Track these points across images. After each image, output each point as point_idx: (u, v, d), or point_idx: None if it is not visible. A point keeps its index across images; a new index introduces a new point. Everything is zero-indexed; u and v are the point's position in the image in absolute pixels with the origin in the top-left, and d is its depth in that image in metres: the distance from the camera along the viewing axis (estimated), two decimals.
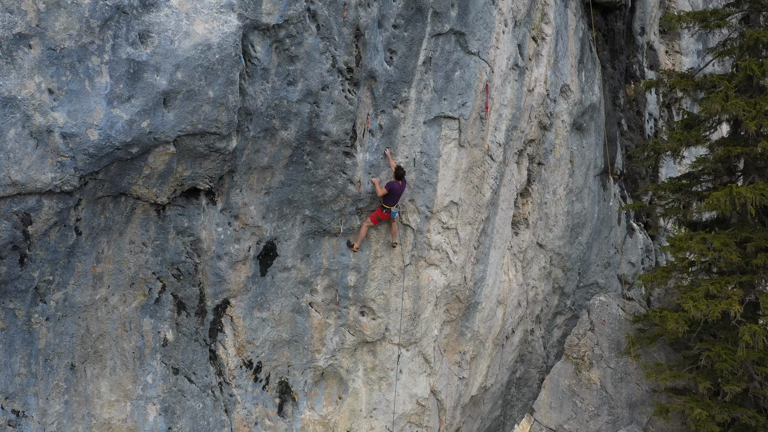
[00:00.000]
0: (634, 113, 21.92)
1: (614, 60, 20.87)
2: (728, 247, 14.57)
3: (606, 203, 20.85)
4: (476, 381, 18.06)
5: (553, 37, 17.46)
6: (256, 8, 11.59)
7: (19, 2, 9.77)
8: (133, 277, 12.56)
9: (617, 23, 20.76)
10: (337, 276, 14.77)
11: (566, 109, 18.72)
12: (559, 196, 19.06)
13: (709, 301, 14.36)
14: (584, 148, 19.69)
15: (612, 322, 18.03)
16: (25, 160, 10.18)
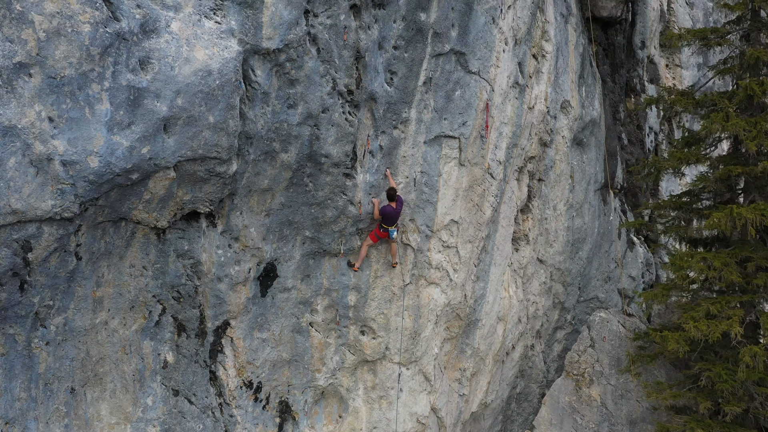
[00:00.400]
0: (635, 127, 21.93)
1: (614, 74, 20.88)
2: (728, 266, 14.57)
3: (606, 217, 20.86)
4: (476, 397, 18.06)
5: (554, 54, 17.47)
6: (257, 33, 11.59)
7: (20, 31, 9.76)
8: (133, 300, 12.55)
9: (617, 37, 20.78)
10: (338, 296, 14.77)
11: (566, 125, 18.73)
12: (559, 212, 19.06)
13: (710, 322, 14.36)
14: (584, 163, 19.69)
15: (612, 338, 18.02)
16: (26, 188, 10.16)
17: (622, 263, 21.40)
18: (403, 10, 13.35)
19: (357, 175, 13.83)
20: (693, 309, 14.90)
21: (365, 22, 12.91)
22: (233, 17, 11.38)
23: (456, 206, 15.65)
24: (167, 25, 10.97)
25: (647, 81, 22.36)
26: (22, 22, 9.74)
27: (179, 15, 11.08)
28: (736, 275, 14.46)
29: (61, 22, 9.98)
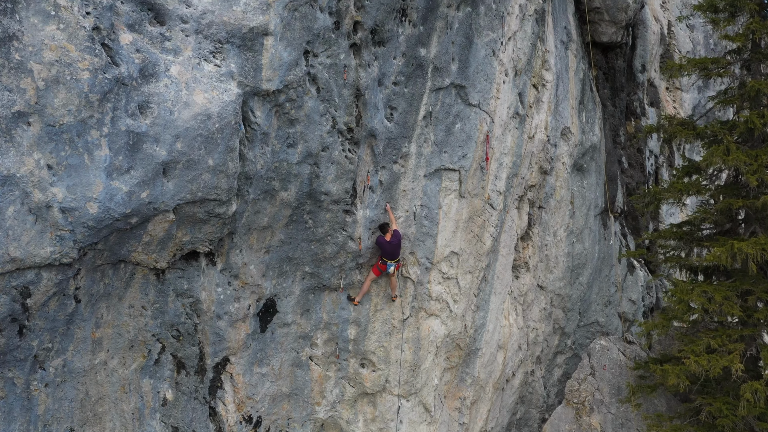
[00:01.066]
0: (635, 150, 21.90)
1: (615, 98, 20.85)
2: (729, 300, 14.52)
3: (606, 242, 20.83)
4: (476, 426, 18.01)
5: (554, 83, 17.45)
6: (256, 75, 11.56)
7: (19, 80, 9.72)
8: (132, 339, 12.51)
9: (618, 61, 20.75)
10: (338, 330, 14.73)
11: (567, 151, 18.70)
12: (559, 238, 19.03)
13: (710, 356, 14.31)
14: (585, 188, 19.66)
15: (613, 367, 17.97)
16: (24, 236, 10.12)
17: (623, 287, 21.37)
18: (403, 46, 13.33)
19: (357, 211, 13.80)
20: (693, 342, 14.85)
21: (365, 60, 12.88)
22: (233, 60, 11.34)
23: (456, 238, 15.62)
24: (166, 69, 10.94)
25: (647, 104, 22.34)
26: (21, 71, 9.70)
27: (178, 59, 11.04)
28: (737, 309, 14.42)
29: (60, 70, 9.95)
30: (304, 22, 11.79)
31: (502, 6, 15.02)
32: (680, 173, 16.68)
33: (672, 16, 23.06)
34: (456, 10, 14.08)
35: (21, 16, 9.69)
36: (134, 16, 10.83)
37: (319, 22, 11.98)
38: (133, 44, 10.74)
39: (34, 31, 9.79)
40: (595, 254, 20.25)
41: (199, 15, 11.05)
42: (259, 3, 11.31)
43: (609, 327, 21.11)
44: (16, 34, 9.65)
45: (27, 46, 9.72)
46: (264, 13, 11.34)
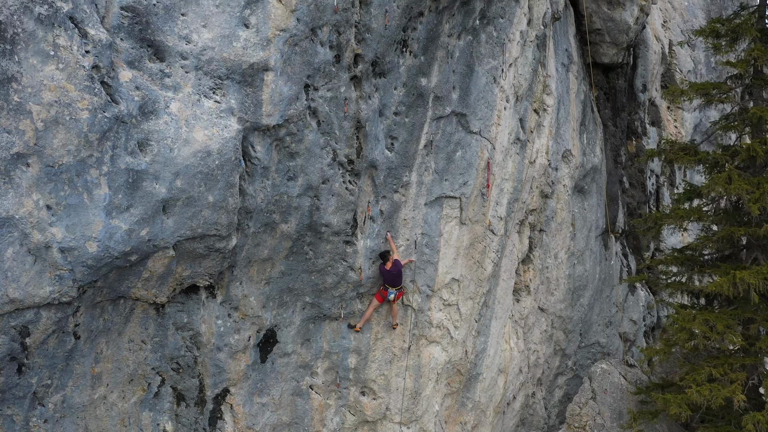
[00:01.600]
0: (636, 170, 21.85)
1: (616, 118, 20.80)
2: (731, 329, 14.48)
3: (607, 262, 20.77)
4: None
5: (555, 107, 17.40)
6: (257, 111, 11.50)
7: (17, 122, 9.66)
8: (132, 373, 12.44)
9: (619, 81, 20.70)
10: (338, 359, 14.67)
11: (568, 174, 18.65)
12: (560, 260, 18.97)
13: (712, 386, 14.26)
14: (586, 210, 19.60)
15: (614, 391, 17.92)
16: (23, 276, 10.06)
17: (623, 307, 21.31)
18: (403, 77, 13.27)
19: (357, 241, 13.75)
20: (695, 370, 14.80)
21: (366, 92, 12.83)
22: (233, 96, 11.29)
23: (457, 264, 15.56)
24: (166, 106, 10.89)
25: (648, 123, 22.29)
26: (20, 112, 9.64)
27: (178, 95, 10.99)
28: (739, 339, 14.38)
29: (59, 110, 9.89)
30: (304, 56, 11.75)
31: (503, 33, 14.97)
32: (681, 198, 16.64)
33: (673, 36, 23.01)
34: (457, 39, 14.03)
35: (20, 57, 9.63)
36: (134, 53, 10.78)
37: (319, 57, 11.94)
38: (132, 81, 10.69)
39: (33, 72, 9.73)
40: (596, 275, 20.20)
41: (199, 51, 11.01)
42: (260, 39, 11.26)
43: (610, 347, 21.05)
44: (15, 75, 9.58)
45: (26, 87, 9.66)
46: (264, 48, 11.29)
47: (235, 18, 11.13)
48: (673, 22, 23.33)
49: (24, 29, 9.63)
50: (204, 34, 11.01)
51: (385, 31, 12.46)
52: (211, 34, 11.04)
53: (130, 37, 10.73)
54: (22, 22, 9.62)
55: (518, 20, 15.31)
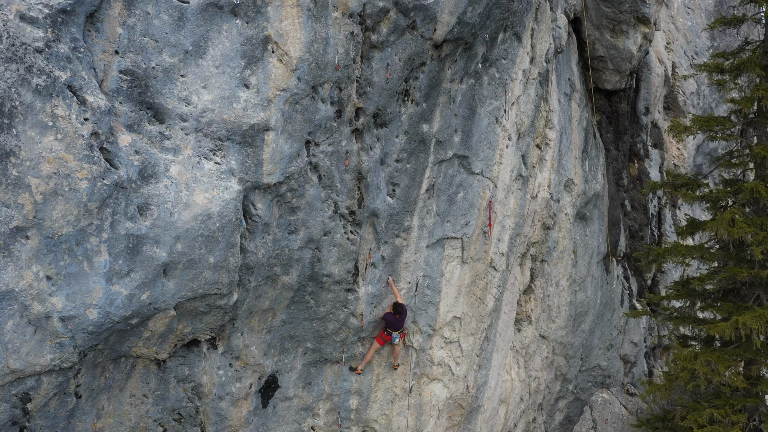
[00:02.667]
0: (638, 192, 21.76)
1: (618, 141, 20.69)
2: (733, 371, 14.47)
3: (609, 286, 20.73)
4: None
5: (557, 141, 17.29)
6: (257, 170, 11.42)
7: (16, 196, 9.58)
8: (133, 426, 12.44)
9: (621, 104, 20.57)
10: (339, 400, 14.68)
11: (570, 202, 18.56)
12: (561, 288, 18.93)
13: (713, 428, 14.27)
14: (587, 236, 19.54)
15: (614, 421, 17.96)
16: (24, 347, 10.02)
17: (624, 329, 21.30)
18: (405, 125, 13.16)
19: (359, 288, 13.70)
20: (696, 410, 14.81)
21: (367, 143, 12.73)
22: (233, 157, 11.20)
23: (458, 303, 15.53)
24: (166, 170, 10.80)
25: (651, 145, 22.16)
26: (19, 186, 9.57)
27: (178, 157, 10.90)
28: (741, 381, 14.37)
29: (58, 182, 9.81)
30: (305, 114, 11.64)
31: (505, 74, 14.83)
32: (684, 232, 16.57)
33: (676, 57, 22.82)
34: (459, 83, 13.90)
35: (18, 130, 9.53)
36: (133, 117, 10.68)
37: (320, 113, 11.83)
38: (132, 146, 10.60)
39: (32, 145, 9.64)
40: (597, 300, 20.17)
41: (199, 113, 10.90)
42: (260, 99, 11.15)
43: (611, 370, 21.07)
44: (13, 150, 9.49)
45: (24, 160, 9.57)
46: (265, 109, 11.19)
47: (235, 79, 11.02)
48: (676, 43, 23.14)
49: (22, 102, 9.53)
50: (204, 96, 10.91)
51: (386, 85, 12.34)
52: (211, 95, 10.93)
53: (129, 100, 10.63)
54: (20, 94, 9.52)
55: (521, 59, 15.16)
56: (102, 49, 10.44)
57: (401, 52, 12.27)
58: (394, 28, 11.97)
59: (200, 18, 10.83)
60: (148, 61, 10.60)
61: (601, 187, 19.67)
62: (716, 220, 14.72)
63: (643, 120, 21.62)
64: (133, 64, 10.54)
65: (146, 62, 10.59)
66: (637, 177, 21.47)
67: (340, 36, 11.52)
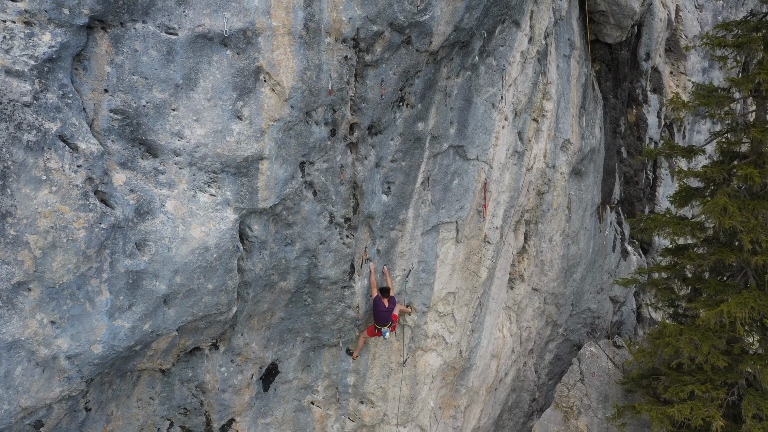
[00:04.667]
0: (635, 138, 21.61)
1: (617, 89, 20.36)
2: (715, 351, 15.00)
3: (602, 234, 21.01)
4: (470, 425, 19.00)
5: (554, 111, 17.05)
6: (252, 197, 11.45)
7: (15, 253, 9.70)
8: (142, 424, 13.09)
9: (622, 52, 20.10)
10: (337, 378, 15.31)
11: (565, 161, 18.54)
12: (555, 243, 19.23)
13: (693, 404, 14.96)
14: (582, 191, 19.64)
15: (601, 374, 18.74)
16: (33, 387, 10.44)
17: (615, 272, 21.78)
18: (400, 127, 13.03)
19: (355, 283, 13.99)
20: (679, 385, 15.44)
21: (362, 154, 12.66)
22: (228, 187, 11.20)
23: (453, 279, 15.88)
24: (162, 205, 10.86)
25: (650, 90, 21.78)
26: (17, 244, 9.67)
27: (173, 192, 10.92)
28: (722, 361, 14.92)
29: (55, 235, 9.90)
30: (299, 138, 11.53)
31: (503, 60, 14.50)
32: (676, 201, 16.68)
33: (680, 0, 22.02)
34: (456, 77, 13.64)
35: (12, 189, 9.53)
36: (126, 154, 10.63)
37: (314, 136, 11.71)
38: (126, 184, 10.61)
39: (27, 201, 9.66)
40: (589, 250, 20.52)
41: (192, 148, 10.82)
42: (253, 131, 11.03)
43: (600, 311, 21.72)
44: (9, 210, 9.53)
45: (21, 219, 9.63)
46: (258, 140, 11.09)
47: (228, 111, 10.86)
48: None
49: (14, 161, 9.48)
50: (196, 130, 10.79)
51: (381, 100, 12.14)
52: (203, 129, 10.80)
53: (122, 138, 10.53)
54: (12, 153, 9.45)
55: (519, 43, 14.76)
56: (91, 88, 10.25)
57: (396, 67, 12.00)
58: (388, 46, 11.66)
59: (189, 50, 10.55)
60: (138, 99, 10.43)
61: (598, 142, 19.58)
62: (708, 206, 14.82)
63: (643, 66, 21.19)
64: (123, 103, 10.37)
65: (136, 101, 10.42)
66: (634, 123, 21.29)
67: (333, 61, 11.24)
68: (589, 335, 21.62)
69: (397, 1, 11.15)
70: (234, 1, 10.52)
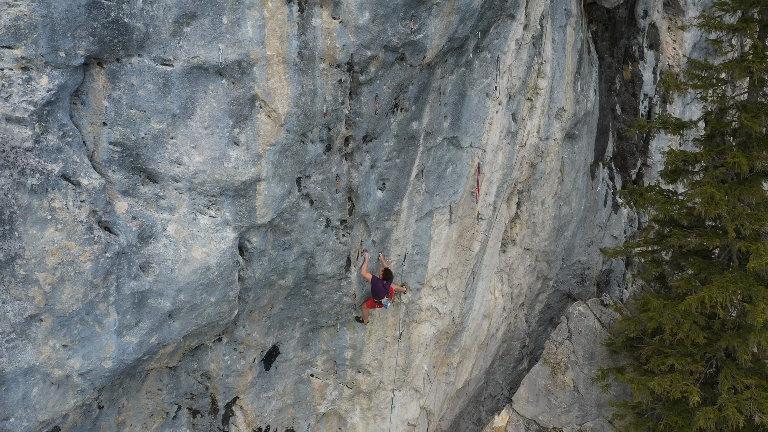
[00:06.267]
0: (630, 95, 21.59)
1: (613, 47, 20.24)
2: (695, 327, 15.68)
3: (593, 190, 21.35)
4: (462, 378, 19.95)
5: (549, 88, 17.08)
6: (251, 216, 11.79)
7: (26, 290, 10.14)
8: (152, 411, 13.88)
9: (619, 10, 19.86)
10: (335, 353, 16.04)
11: (559, 127, 18.69)
12: (547, 205, 19.60)
13: (672, 376, 15.77)
14: (575, 153, 19.85)
15: (588, 333, 19.54)
16: (49, 403, 11.10)
17: (606, 225, 22.24)
18: (395, 130, 13.22)
19: (351, 274, 14.49)
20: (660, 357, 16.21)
21: (357, 161, 12.90)
22: (227, 209, 11.53)
23: (446, 257, 16.37)
24: (163, 229, 11.22)
25: (647, 47, 21.58)
26: (28, 282, 10.10)
27: (174, 215, 11.26)
28: (702, 337, 15.62)
29: (63, 271, 10.32)
30: (296, 157, 11.78)
31: (497, 51, 14.48)
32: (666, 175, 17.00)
33: None
34: (450, 75, 13.70)
35: (20, 232, 9.88)
36: (126, 183, 10.91)
37: (310, 153, 11.94)
38: (128, 212, 10.95)
39: (34, 242, 10.03)
40: (581, 208, 20.90)
41: (191, 175, 11.09)
42: (250, 156, 11.27)
43: (590, 263, 22.32)
44: (18, 252, 9.90)
45: (30, 259, 10.02)
46: (255, 164, 11.34)
47: (225, 138, 11.07)
48: None
49: (20, 205, 9.79)
50: (195, 157, 11.03)
51: (375, 113, 12.29)
52: (201, 156, 11.04)
53: (122, 168, 10.80)
54: (17, 198, 9.76)
55: (514, 32, 14.69)
56: (90, 122, 10.45)
57: (390, 82, 12.10)
58: (382, 64, 11.72)
59: (185, 81, 10.67)
60: (137, 132, 10.63)
61: (592, 104, 19.65)
62: (696, 191, 15.16)
63: (641, 23, 20.94)
64: (122, 136, 10.59)
65: (135, 133, 10.63)
66: (630, 80, 21.24)
67: (327, 85, 11.35)
68: (579, 285, 22.33)
69: (390, 26, 11.16)
70: (228, 32, 10.56)
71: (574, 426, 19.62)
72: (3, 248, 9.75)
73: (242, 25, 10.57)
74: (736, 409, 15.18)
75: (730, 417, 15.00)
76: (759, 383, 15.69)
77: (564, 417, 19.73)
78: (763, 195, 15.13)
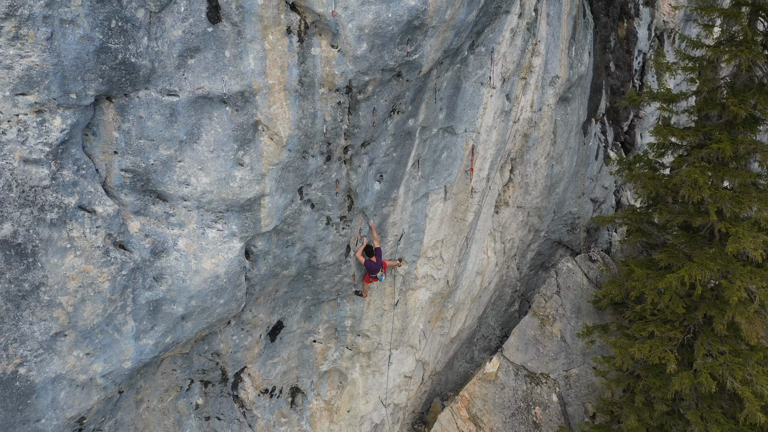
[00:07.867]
0: (624, 52, 21.72)
1: (609, 6, 20.28)
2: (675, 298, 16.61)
3: (585, 146, 21.84)
4: (456, 328, 21.07)
5: (542, 64, 17.32)
6: (256, 226, 12.46)
7: (51, 312, 10.94)
8: (167, 387, 14.96)
9: None
10: (336, 322, 17.03)
11: (553, 93, 19.03)
12: (539, 166, 20.17)
13: (652, 342, 16.83)
14: (568, 114, 20.24)
15: (576, 288, 20.51)
16: (75, 402, 12.11)
17: (596, 177, 22.84)
18: (392, 130, 13.68)
19: (351, 259, 15.26)
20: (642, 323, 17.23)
21: (355, 165, 13.43)
22: (234, 222, 12.19)
23: (441, 230, 17.11)
24: (174, 244, 11.93)
25: (642, 4, 21.53)
26: (52, 306, 10.90)
27: (184, 231, 11.94)
28: (681, 308, 16.55)
29: (84, 292, 11.10)
30: (297, 171, 12.33)
31: (492, 43, 14.73)
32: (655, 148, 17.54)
33: None
34: (446, 72, 14.05)
35: (42, 262, 10.60)
36: (138, 204, 11.54)
37: (311, 166, 12.49)
38: (141, 231, 11.63)
39: (56, 270, 10.76)
40: (573, 165, 21.44)
41: (199, 195, 11.69)
42: (254, 175, 11.83)
43: (581, 212, 23.05)
44: (42, 281, 10.65)
45: (52, 286, 10.78)
46: (259, 182, 11.92)
47: (230, 161, 11.61)
48: None
49: (41, 238, 10.47)
50: (202, 178, 11.60)
51: (373, 125, 12.75)
52: (208, 178, 11.62)
53: (134, 191, 11.40)
54: (38, 233, 10.43)
55: (508, 23, 14.89)
56: (102, 151, 10.99)
57: (387, 95, 12.50)
58: (380, 83, 12.10)
59: (191, 109, 11.14)
60: (147, 159, 11.18)
61: (587, 68, 19.88)
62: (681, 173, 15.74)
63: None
64: (132, 164, 11.14)
65: (145, 161, 11.18)
66: (624, 37, 21.34)
67: (327, 108, 11.79)
68: (569, 233, 23.15)
69: (387, 53, 11.51)
70: (231, 65, 10.95)
71: (561, 372, 20.89)
72: (28, 279, 10.49)
73: (244, 57, 10.94)
74: (710, 374, 16.29)
75: (704, 383, 16.13)
76: (733, 348, 16.74)
77: (551, 364, 20.98)
78: (746, 177, 15.74)
